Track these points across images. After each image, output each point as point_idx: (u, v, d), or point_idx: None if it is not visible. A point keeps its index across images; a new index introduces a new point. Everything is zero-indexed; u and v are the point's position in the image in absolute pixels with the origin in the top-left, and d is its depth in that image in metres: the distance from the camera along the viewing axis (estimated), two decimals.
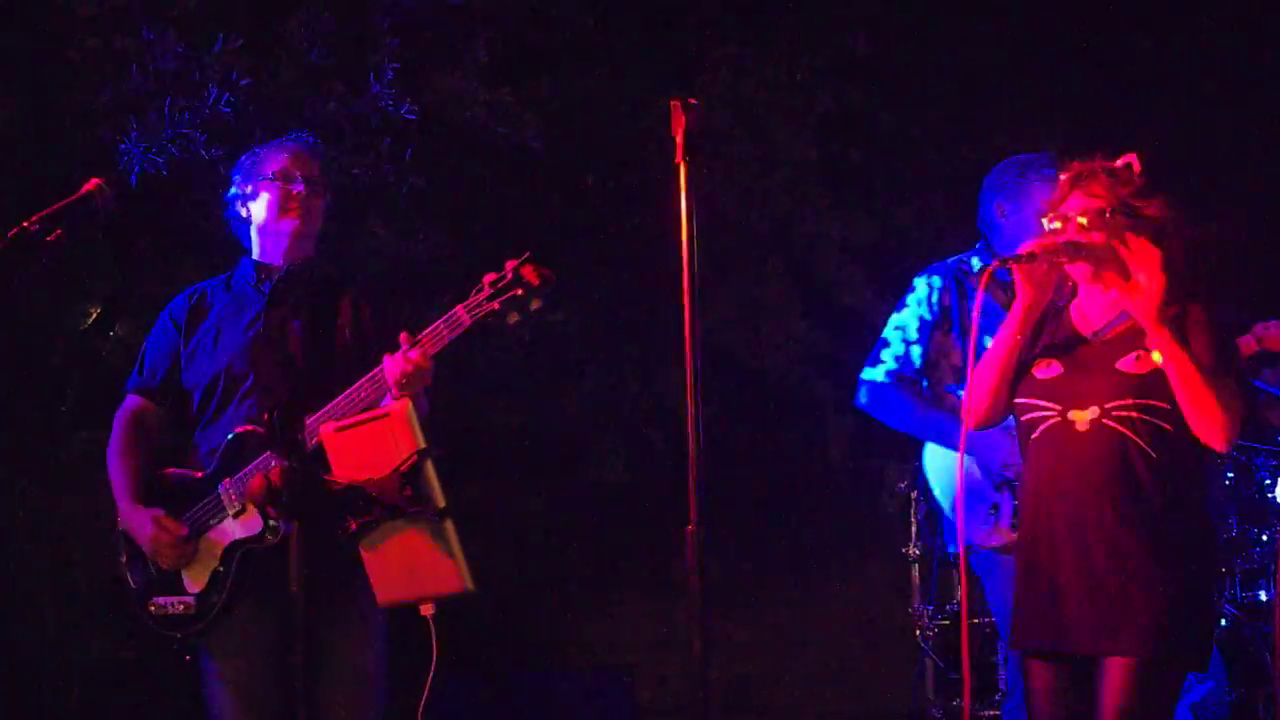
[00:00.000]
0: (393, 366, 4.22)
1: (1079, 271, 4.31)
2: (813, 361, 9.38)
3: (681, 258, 3.52)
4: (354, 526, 3.42)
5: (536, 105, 7.81)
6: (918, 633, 7.67)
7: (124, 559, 4.63)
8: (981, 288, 4.24)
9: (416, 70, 7.28)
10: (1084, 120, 9.03)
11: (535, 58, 8.10)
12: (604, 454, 9.15)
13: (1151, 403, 4.09)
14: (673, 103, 3.58)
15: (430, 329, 4.26)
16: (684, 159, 3.57)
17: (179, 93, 6.86)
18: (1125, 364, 4.18)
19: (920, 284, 5.29)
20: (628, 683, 7.48)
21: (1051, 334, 4.40)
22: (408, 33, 7.28)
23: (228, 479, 4.42)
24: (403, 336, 4.25)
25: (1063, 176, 4.39)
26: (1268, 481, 7.03)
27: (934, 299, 5.25)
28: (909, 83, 9.44)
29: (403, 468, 3.34)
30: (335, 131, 7.09)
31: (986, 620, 7.19)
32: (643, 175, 7.97)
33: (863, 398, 5.36)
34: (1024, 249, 4.23)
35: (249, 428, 4.43)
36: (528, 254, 4.28)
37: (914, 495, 7.66)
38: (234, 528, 4.41)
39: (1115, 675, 4.04)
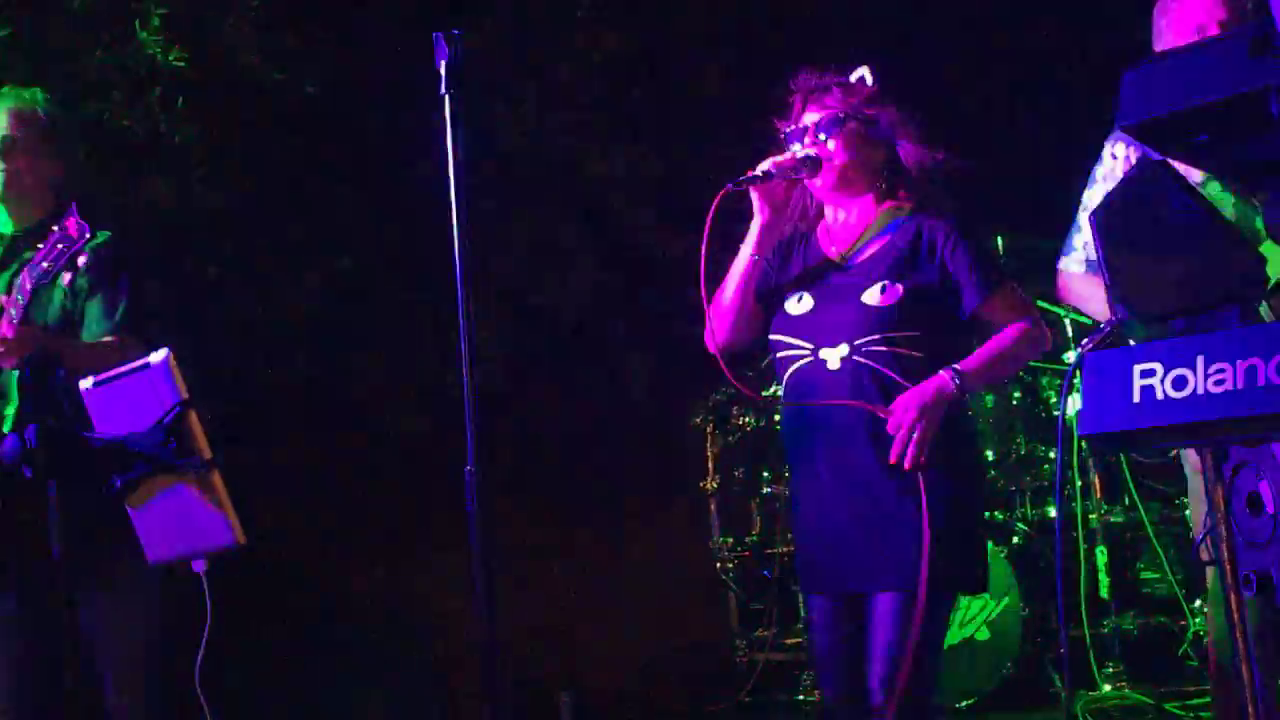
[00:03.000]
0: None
1: (821, 189, 4.28)
2: (606, 301, 9.34)
3: (450, 196, 3.56)
4: (118, 484, 3.29)
5: (313, 50, 7.64)
6: (718, 565, 7.72)
7: None
8: (711, 215, 4.04)
9: (185, 17, 7.06)
10: (880, 51, 9.08)
11: (308, 1, 7.91)
12: (401, 404, 9.04)
13: (900, 334, 4.07)
14: (435, 35, 3.59)
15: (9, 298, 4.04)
16: (448, 91, 3.59)
17: None
18: (870, 296, 4.11)
19: (1105, 154, 4.74)
20: (426, 636, 7.45)
21: (803, 260, 4.35)
22: None
23: None
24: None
25: (796, 93, 4.34)
26: (1054, 400, 7.16)
27: (1123, 170, 4.65)
28: (694, 20, 9.39)
29: (165, 420, 3.24)
30: (104, 82, 6.88)
31: (786, 550, 7.26)
32: (422, 117, 7.85)
33: (1060, 292, 4.89)
34: (759, 167, 4.18)
35: None
36: (73, 202, 4.09)
37: (709, 430, 7.69)
38: None
39: (883, 610, 4.04)
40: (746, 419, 7.63)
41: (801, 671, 7.23)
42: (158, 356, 3.32)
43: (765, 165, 4.19)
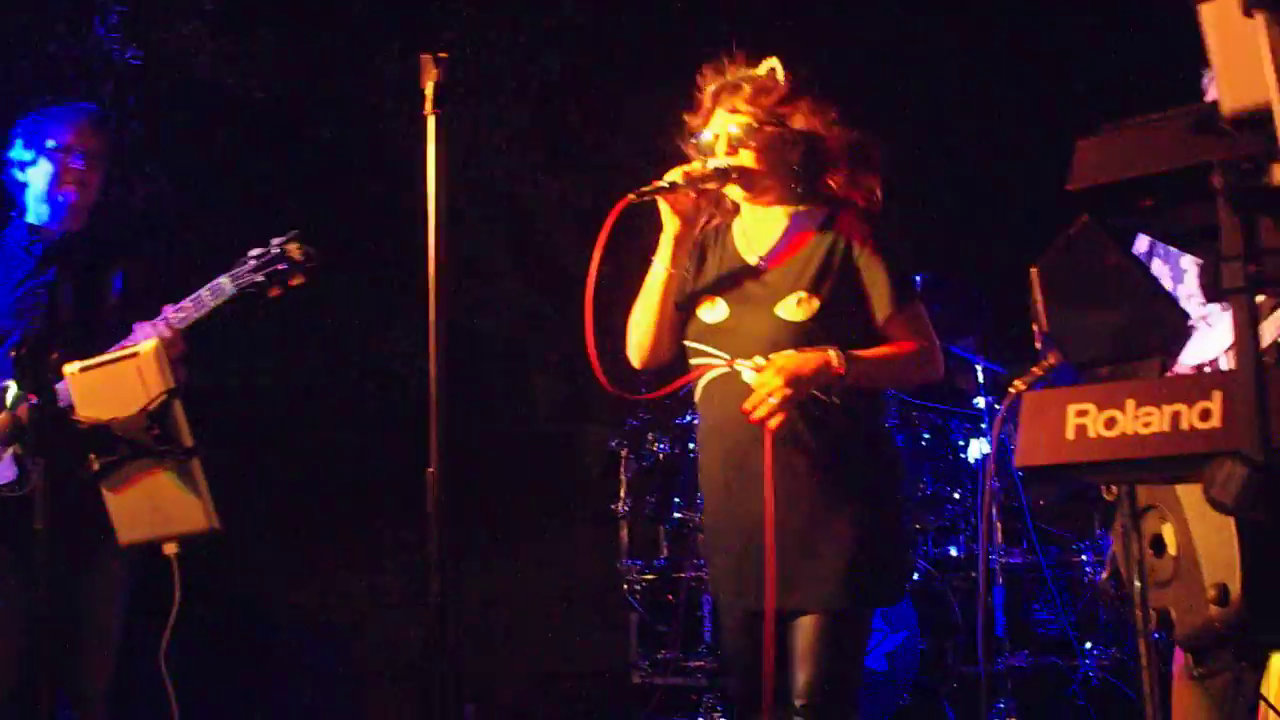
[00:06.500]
0: (142, 334, 4.32)
1: (735, 195, 4.12)
2: (527, 322, 9.46)
3: (429, 212, 3.60)
4: (96, 465, 3.41)
5: (262, 56, 7.73)
6: (625, 588, 7.83)
7: None
8: (610, 222, 3.84)
9: (142, 16, 7.15)
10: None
11: (264, 8, 7.99)
12: (323, 414, 9.12)
13: (816, 348, 3.90)
14: (423, 56, 3.67)
15: (191, 298, 4.40)
16: (434, 111, 3.67)
17: None
18: (785, 309, 3.98)
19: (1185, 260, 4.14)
20: (346, 640, 7.51)
21: (718, 260, 4.20)
22: None
23: None
24: (165, 309, 4.39)
25: (706, 94, 4.13)
26: (961, 443, 7.37)
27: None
28: (627, 48, 9.54)
29: (150, 407, 3.36)
30: (56, 74, 6.95)
31: (692, 574, 7.40)
32: (366, 130, 7.96)
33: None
34: (666, 176, 3.96)
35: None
36: (295, 231, 4.35)
37: (624, 453, 7.80)
38: None
39: (804, 632, 3.93)
40: (661, 445, 7.73)
41: (701, 695, 7.34)
42: (147, 346, 3.44)
43: (673, 175, 3.98)
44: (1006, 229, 7.92)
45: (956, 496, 7.40)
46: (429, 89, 3.59)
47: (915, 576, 7.22)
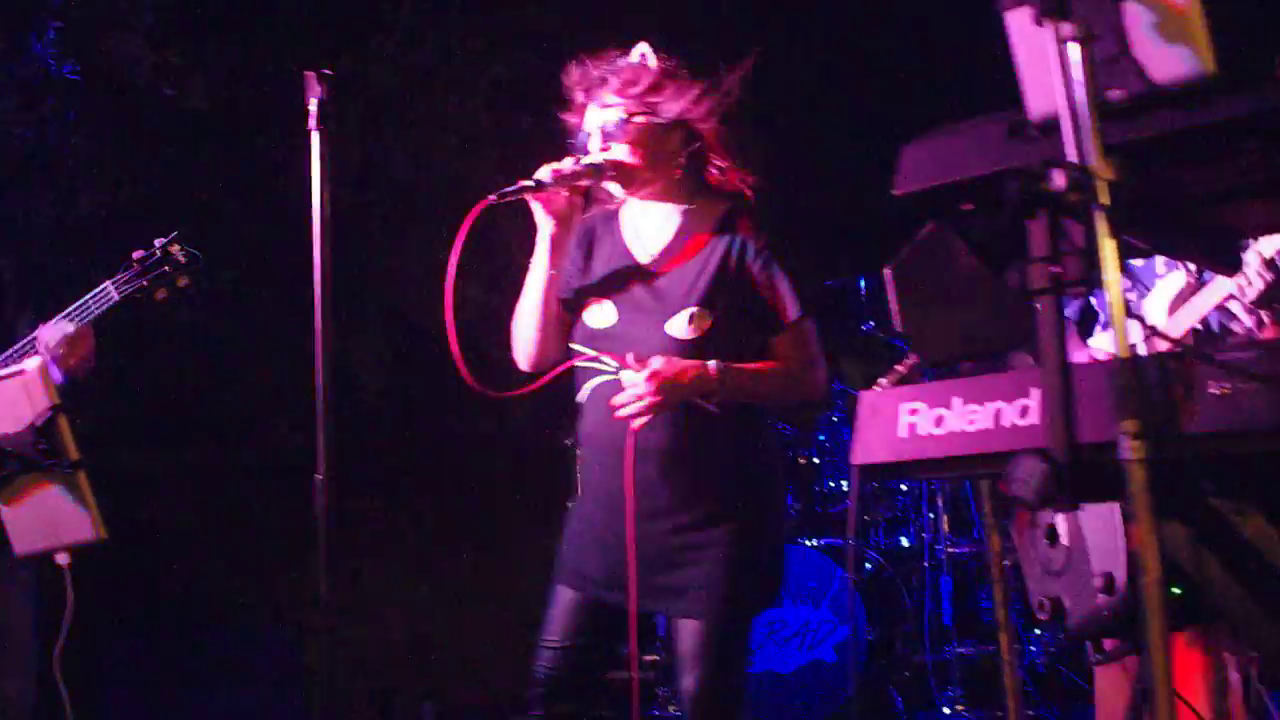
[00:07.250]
0: (46, 335, 4.38)
1: (615, 190, 4.03)
2: (488, 323, 9.49)
3: (313, 224, 3.62)
4: None
5: (203, 67, 7.76)
6: None
7: None
8: (468, 224, 3.76)
9: (81, 29, 7.17)
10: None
11: (203, 18, 8.01)
12: (283, 418, 9.17)
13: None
14: (306, 74, 3.68)
15: (77, 305, 4.39)
16: (317, 128, 3.69)
17: None
18: (676, 326, 3.92)
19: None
20: (298, 640, 7.57)
21: (606, 255, 4.12)
22: None
23: None
24: (55, 317, 4.45)
25: (576, 91, 4.05)
26: None
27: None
28: (581, 50, 9.58)
29: (37, 422, 3.44)
30: None
31: None
32: (307, 138, 7.98)
33: None
34: (536, 174, 3.89)
35: None
36: (175, 232, 4.39)
37: (578, 454, 7.82)
38: None
39: (688, 637, 3.91)
40: None
41: (655, 690, 7.36)
42: (32, 364, 3.54)
43: (541, 174, 3.89)
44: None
45: (904, 489, 7.48)
46: (312, 105, 3.58)
47: (866, 565, 7.29)
